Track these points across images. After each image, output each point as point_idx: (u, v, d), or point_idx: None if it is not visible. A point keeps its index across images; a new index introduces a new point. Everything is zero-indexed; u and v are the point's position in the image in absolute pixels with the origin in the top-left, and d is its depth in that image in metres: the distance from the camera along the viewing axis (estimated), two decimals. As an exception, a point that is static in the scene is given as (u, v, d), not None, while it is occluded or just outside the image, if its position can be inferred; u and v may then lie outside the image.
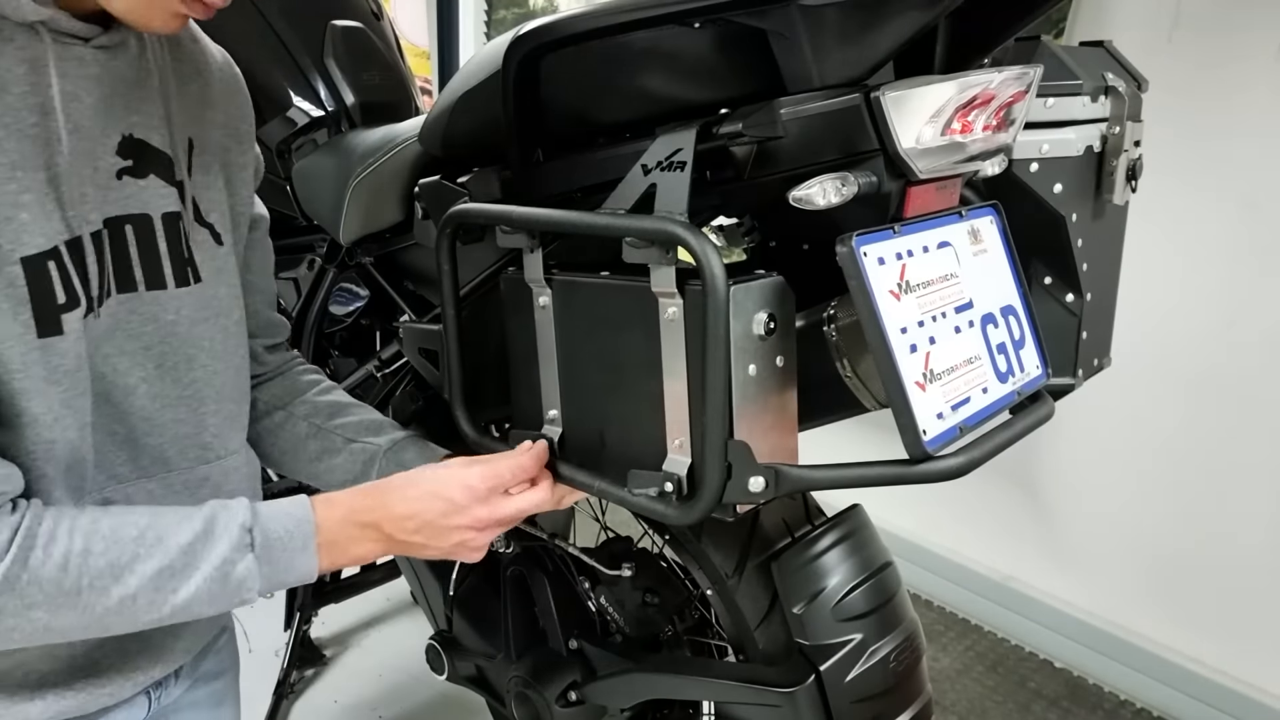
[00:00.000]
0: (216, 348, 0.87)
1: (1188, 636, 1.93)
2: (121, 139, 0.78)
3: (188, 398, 0.85)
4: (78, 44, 0.73)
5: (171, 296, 0.82)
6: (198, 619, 0.77)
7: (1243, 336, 1.77)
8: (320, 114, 1.45)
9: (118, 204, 0.77)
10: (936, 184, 0.79)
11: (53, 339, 0.71)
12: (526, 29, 0.82)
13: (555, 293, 0.85)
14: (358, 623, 2.25)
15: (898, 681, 1.02)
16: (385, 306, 1.42)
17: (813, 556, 1.03)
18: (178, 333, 0.83)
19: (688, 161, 0.73)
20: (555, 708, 1.19)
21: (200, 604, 0.74)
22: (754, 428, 0.76)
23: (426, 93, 3.40)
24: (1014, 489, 2.17)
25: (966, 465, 0.70)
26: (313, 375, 1.06)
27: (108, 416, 0.79)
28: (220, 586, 0.74)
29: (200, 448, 0.87)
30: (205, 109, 0.87)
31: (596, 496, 0.90)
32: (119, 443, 0.81)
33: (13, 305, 0.68)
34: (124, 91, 0.78)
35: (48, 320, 0.70)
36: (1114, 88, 0.98)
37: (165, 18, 0.73)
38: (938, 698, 1.96)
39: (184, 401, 0.84)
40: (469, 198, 0.98)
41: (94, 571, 0.69)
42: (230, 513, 0.76)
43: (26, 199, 0.68)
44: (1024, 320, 0.84)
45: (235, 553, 0.75)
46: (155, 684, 0.90)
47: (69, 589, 0.69)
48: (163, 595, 0.72)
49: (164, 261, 0.81)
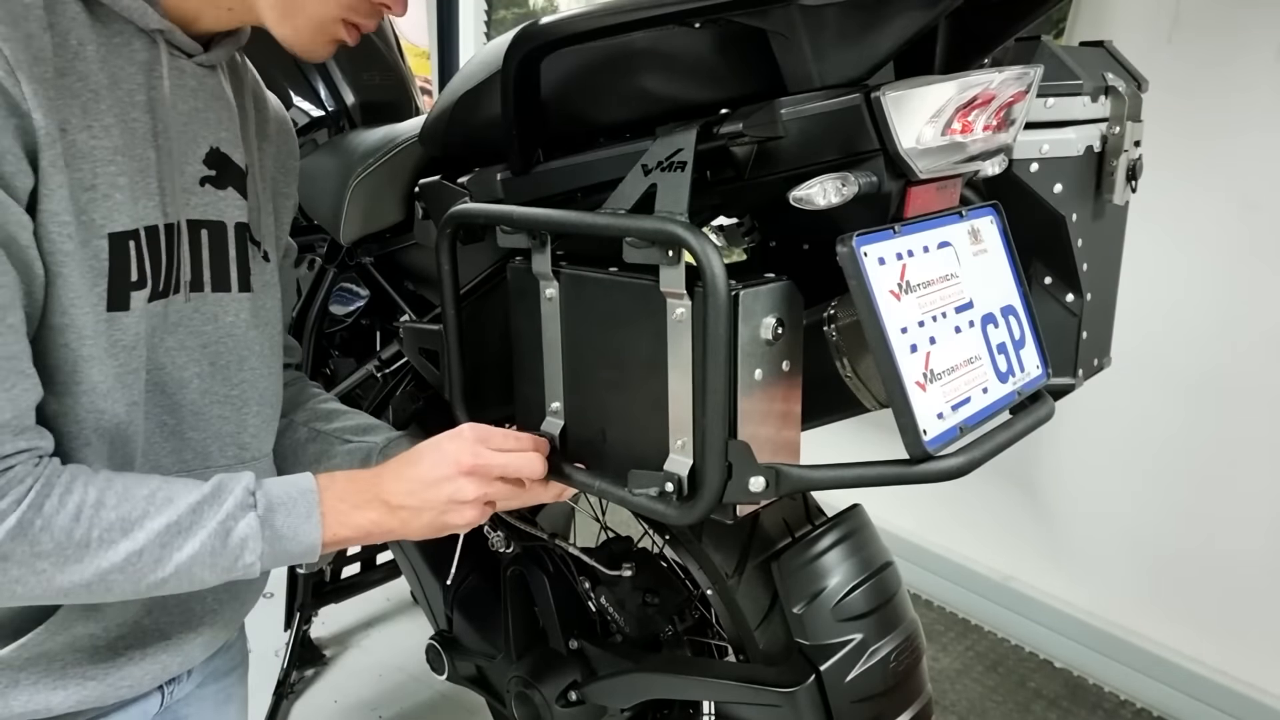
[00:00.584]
0: (266, 353, 0.93)
1: (1188, 636, 1.93)
2: (209, 150, 0.85)
3: (234, 397, 0.89)
4: (183, 58, 0.81)
5: (233, 299, 0.88)
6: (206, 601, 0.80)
7: (1243, 336, 1.77)
8: (320, 114, 1.45)
9: (199, 209, 0.84)
10: (937, 184, 0.79)
11: (119, 314, 0.76)
12: (527, 29, 0.82)
13: (563, 286, 0.85)
14: (358, 623, 2.25)
15: (898, 681, 1.02)
16: (385, 306, 1.41)
17: (813, 556, 1.03)
18: (234, 334, 0.88)
19: (688, 161, 0.73)
20: (555, 708, 1.19)
21: (201, 566, 0.75)
22: (758, 430, 0.76)
23: (426, 93, 3.40)
24: (1014, 489, 2.17)
25: (967, 465, 0.70)
26: (315, 390, 1.11)
27: (160, 407, 0.83)
28: (221, 544, 0.75)
29: (239, 447, 0.90)
30: (263, 140, 0.97)
31: (596, 496, 0.90)
32: (167, 434, 0.84)
33: (93, 276, 0.73)
34: (214, 107, 0.86)
35: (119, 295, 0.75)
36: (1114, 88, 0.98)
37: (326, 43, 0.83)
38: (938, 698, 1.96)
39: (230, 401, 0.89)
40: (469, 198, 0.98)
41: (105, 524, 0.71)
42: (236, 479, 0.78)
43: (122, 181, 0.75)
44: (1024, 320, 0.84)
45: (238, 509, 0.76)
46: (169, 679, 0.91)
47: (79, 540, 0.70)
48: (168, 553, 0.73)
49: (231, 267, 0.88)
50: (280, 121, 1.02)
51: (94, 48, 0.73)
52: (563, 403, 0.89)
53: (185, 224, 0.82)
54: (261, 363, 0.92)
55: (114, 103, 0.74)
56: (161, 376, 0.82)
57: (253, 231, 0.91)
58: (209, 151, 0.85)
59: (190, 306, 0.84)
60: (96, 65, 0.73)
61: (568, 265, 0.85)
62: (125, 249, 0.75)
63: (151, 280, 0.78)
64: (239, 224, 0.88)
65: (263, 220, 0.93)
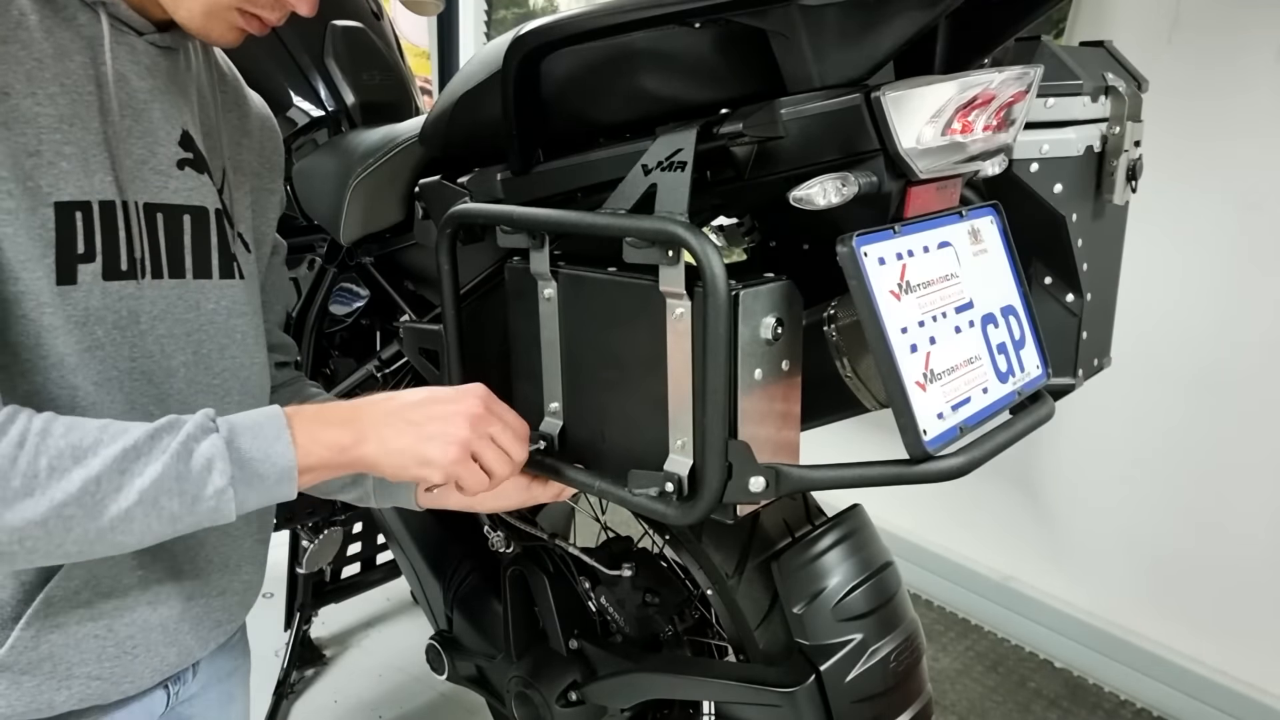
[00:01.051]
0: (248, 342, 0.91)
1: (1187, 636, 1.93)
2: (183, 133, 0.84)
3: (216, 386, 0.88)
4: (131, 34, 0.80)
5: (215, 286, 0.87)
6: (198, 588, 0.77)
7: (1242, 336, 1.77)
8: (320, 114, 1.45)
9: (180, 193, 0.83)
10: (937, 184, 0.79)
11: (67, 288, 0.74)
12: (527, 29, 0.82)
13: (561, 286, 0.85)
14: (358, 623, 2.25)
15: (898, 681, 1.02)
16: (385, 306, 1.41)
17: (813, 556, 1.03)
18: (216, 322, 0.87)
19: (688, 161, 0.73)
20: (555, 708, 1.19)
21: (167, 494, 0.69)
22: (758, 430, 0.76)
23: (426, 93, 3.40)
24: (1014, 489, 2.17)
25: (967, 465, 0.70)
26: (315, 389, 1.09)
27: (148, 398, 0.82)
28: (185, 465, 0.70)
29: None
30: (243, 137, 0.96)
31: (596, 496, 0.90)
32: None
33: (42, 246, 0.72)
34: (175, 92, 0.84)
35: (66, 268, 0.74)
36: (1114, 88, 0.98)
37: (224, 29, 0.81)
38: (938, 698, 1.96)
39: (213, 390, 0.88)
40: (469, 198, 0.98)
41: (54, 451, 0.67)
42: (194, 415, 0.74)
43: (69, 150, 0.74)
44: (1024, 320, 0.84)
45: (199, 431, 0.71)
46: (174, 678, 0.91)
47: (25, 469, 0.65)
48: (128, 479, 0.68)
49: (213, 253, 0.87)
50: (263, 119, 1.01)
51: (37, 18, 0.73)
52: (561, 403, 0.89)
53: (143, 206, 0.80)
54: (243, 351, 0.91)
55: (60, 72, 0.74)
56: (149, 365, 0.81)
57: (233, 221, 0.90)
58: (183, 134, 0.84)
59: (175, 294, 0.83)
60: (41, 35, 0.73)
61: (566, 265, 0.85)
62: (71, 219, 0.74)
63: (104, 256, 0.76)
64: (219, 210, 0.87)
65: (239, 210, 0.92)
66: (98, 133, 0.76)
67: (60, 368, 0.74)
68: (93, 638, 0.81)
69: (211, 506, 0.71)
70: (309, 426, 0.76)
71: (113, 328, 0.78)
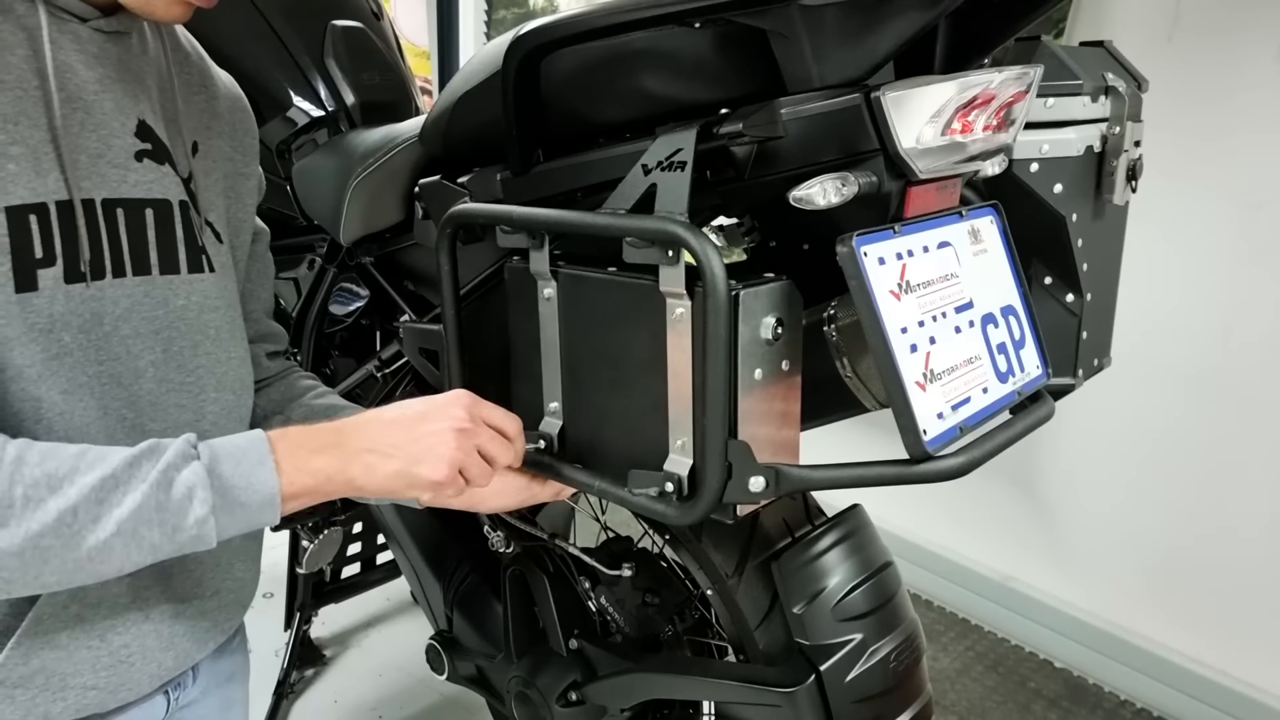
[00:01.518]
0: (222, 336, 0.88)
1: (1188, 636, 1.93)
2: (139, 123, 0.80)
3: (190, 384, 0.85)
4: (74, 21, 0.76)
5: (183, 281, 0.83)
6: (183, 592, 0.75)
7: (1242, 336, 1.77)
8: (320, 114, 1.45)
9: (140, 186, 0.79)
10: (937, 184, 0.79)
11: (28, 295, 0.71)
12: (527, 29, 0.82)
13: (561, 285, 0.85)
14: (358, 623, 2.25)
15: (898, 681, 1.02)
16: (385, 306, 1.41)
17: (813, 556, 1.03)
18: (187, 318, 0.84)
19: (688, 161, 0.73)
20: (555, 708, 1.19)
21: (147, 524, 0.68)
22: (758, 430, 0.76)
23: (426, 93, 3.40)
24: (1014, 489, 2.17)
25: (967, 465, 0.70)
26: (309, 381, 1.07)
27: (119, 401, 0.79)
28: (165, 495, 0.68)
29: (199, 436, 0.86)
30: (211, 119, 0.91)
31: (596, 496, 0.90)
32: (128, 428, 0.80)
33: None
34: (128, 79, 0.80)
35: (24, 274, 0.70)
36: (1114, 88, 0.98)
37: (167, 5, 0.76)
38: (938, 698, 1.96)
39: (186, 388, 0.85)
40: (469, 198, 0.98)
41: (29, 480, 0.65)
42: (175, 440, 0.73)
43: (15, 151, 0.70)
44: (1024, 320, 0.84)
45: (179, 459, 0.70)
46: (174, 683, 0.90)
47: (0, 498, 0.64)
48: (105, 510, 0.67)
49: (179, 248, 0.83)
50: (233, 99, 0.96)
51: None
52: (561, 403, 0.89)
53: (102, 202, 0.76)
54: (218, 347, 0.87)
55: (3, 69, 0.70)
56: (116, 368, 0.78)
57: (201, 210, 0.86)
58: (139, 125, 0.80)
59: (140, 291, 0.79)
60: None
61: (566, 265, 0.85)
62: (25, 223, 0.70)
63: (64, 259, 0.73)
64: (183, 201, 0.83)
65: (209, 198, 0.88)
66: (46, 129, 0.72)
67: (20, 380, 0.71)
68: (85, 649, 0.79)
69: (193, 535, 0.70)
70: (294, 453, 0.75)
71: (79, 332, 0.75)
